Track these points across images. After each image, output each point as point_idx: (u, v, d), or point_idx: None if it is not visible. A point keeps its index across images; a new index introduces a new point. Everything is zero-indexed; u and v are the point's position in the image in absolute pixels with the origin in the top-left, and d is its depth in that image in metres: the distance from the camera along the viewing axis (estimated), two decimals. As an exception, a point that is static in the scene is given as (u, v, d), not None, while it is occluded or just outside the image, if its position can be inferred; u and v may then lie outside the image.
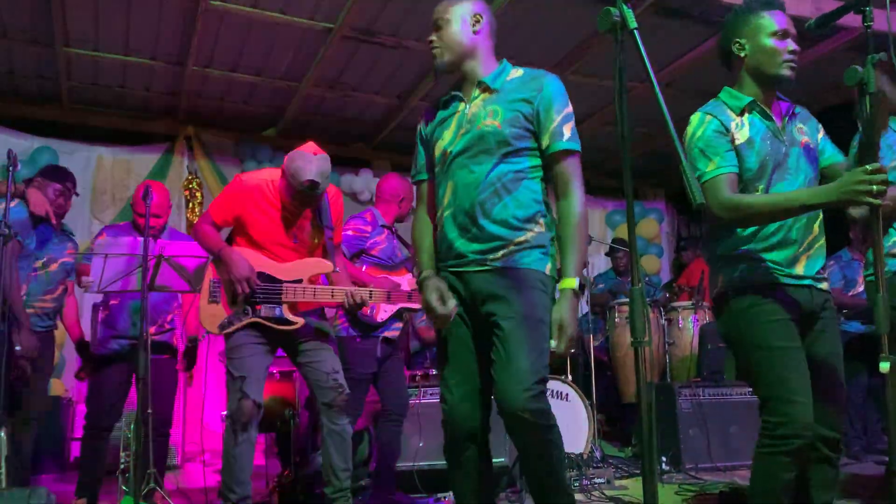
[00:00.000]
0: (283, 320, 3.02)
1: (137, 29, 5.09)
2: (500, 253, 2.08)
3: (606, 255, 7.03)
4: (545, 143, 2.12)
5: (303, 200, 3.02)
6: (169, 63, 5.62)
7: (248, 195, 3.05)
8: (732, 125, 2.21)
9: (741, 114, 2.23)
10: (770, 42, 2.18)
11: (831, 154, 2.33)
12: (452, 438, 2.17)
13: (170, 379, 3.80)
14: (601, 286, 6.55)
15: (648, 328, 1.37)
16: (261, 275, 3.00)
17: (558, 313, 2.01)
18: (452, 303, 2.09)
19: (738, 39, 2.24)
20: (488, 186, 2.10)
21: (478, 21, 2.21)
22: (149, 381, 3.20)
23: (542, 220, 2.13)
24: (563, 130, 2.10)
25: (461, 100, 2.23)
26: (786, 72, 2.19)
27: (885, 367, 1.76)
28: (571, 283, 2.03)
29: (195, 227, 3.16)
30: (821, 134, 2.35)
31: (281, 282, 3.03)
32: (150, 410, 3.25)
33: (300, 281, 3.05)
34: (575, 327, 2.02)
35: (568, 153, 2.11)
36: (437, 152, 2.23)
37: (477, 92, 2.19)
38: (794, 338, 2.14)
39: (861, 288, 4.96)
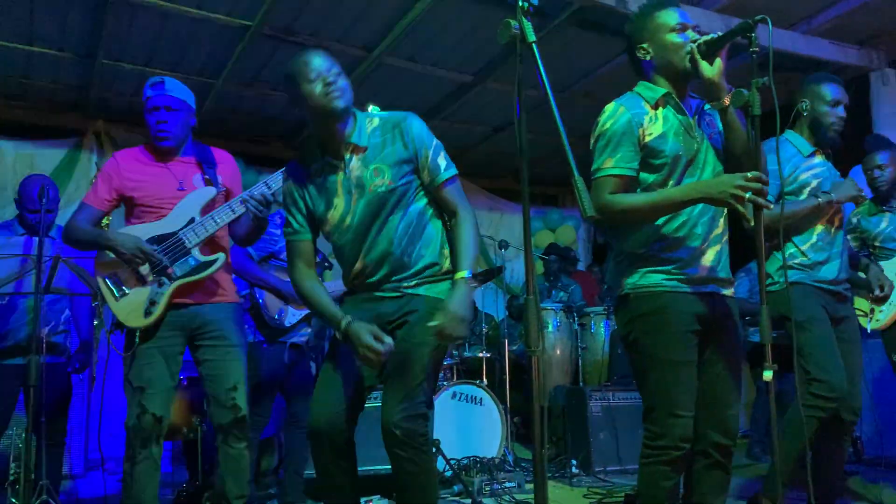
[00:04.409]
0: (203, 265, 2.79)
1: (43, 18, 4.85)
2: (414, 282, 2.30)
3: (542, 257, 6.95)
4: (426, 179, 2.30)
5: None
6: (78, 55, 5.39)
7: (125, 165, 2.85)
8: (646, 119, 2.19)
9: (656, 106, 2.22)
10: (671, 37, 2.19)
11: None
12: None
13: (64, 384, 3.59)
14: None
15: (543, 335, 1.41)
16: (151, 239, 2.76)
17: (449, 300, 2.13)
18: (389, 339, 2.14)
19: (640, 45, 2.25)
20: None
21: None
22: (41, 388, 3.05)
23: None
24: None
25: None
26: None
27: (767, 375, 1.86)
28: (463, 273, 2.17)
29: (65, 228, 2.83)
30: None
31: (175, 232, 2.79)
32: (42, 419, 3.08)
33: (193, 219, 2.81)
34: (466, 314, 2.09)
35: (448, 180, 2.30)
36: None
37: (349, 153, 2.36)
38: (688, 351, 2.17)
39: None
